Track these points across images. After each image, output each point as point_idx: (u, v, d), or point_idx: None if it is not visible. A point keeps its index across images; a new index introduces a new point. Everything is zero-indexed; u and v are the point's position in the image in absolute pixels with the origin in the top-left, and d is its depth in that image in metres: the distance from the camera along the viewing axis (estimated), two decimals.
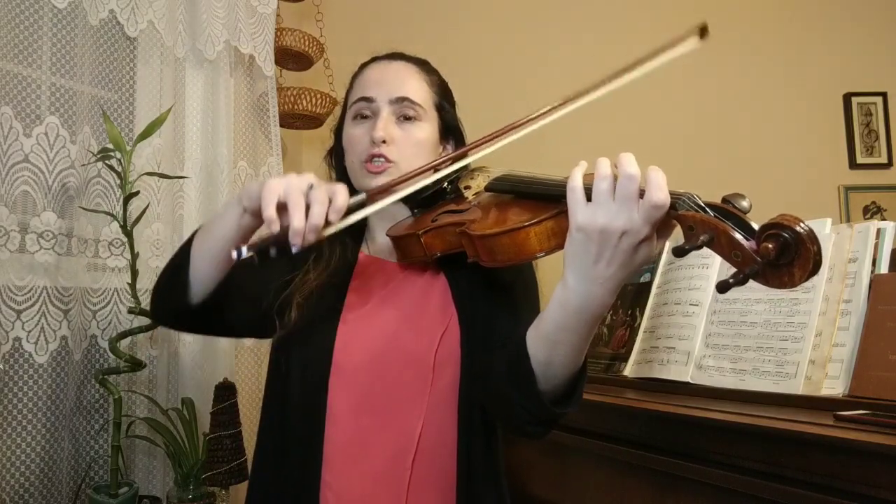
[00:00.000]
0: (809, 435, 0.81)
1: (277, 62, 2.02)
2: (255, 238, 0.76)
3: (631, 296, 1.40)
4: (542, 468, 1.35)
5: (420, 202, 1.04)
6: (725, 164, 2.43)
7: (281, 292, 0.99)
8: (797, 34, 2.60)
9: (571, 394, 0.82)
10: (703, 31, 0.92)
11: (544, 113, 0.87)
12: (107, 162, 1.40)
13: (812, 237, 0.60)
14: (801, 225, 0.61)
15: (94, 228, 1.51)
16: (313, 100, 2.07)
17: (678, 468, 0.98)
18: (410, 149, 1.02)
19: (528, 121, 0.87)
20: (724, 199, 0.67)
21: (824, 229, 1.08)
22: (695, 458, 0.96)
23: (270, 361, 1.05)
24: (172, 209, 1.68)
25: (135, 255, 1.42)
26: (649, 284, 1.36)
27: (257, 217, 0.83)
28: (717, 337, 1.15)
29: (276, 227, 0.74)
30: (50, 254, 1.38)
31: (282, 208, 0.76)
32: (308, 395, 0.95)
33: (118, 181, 1.43)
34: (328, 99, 2.10)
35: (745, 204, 0.66)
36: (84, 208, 1.46)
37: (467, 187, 1.01)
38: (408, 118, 1.03)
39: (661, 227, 0.71)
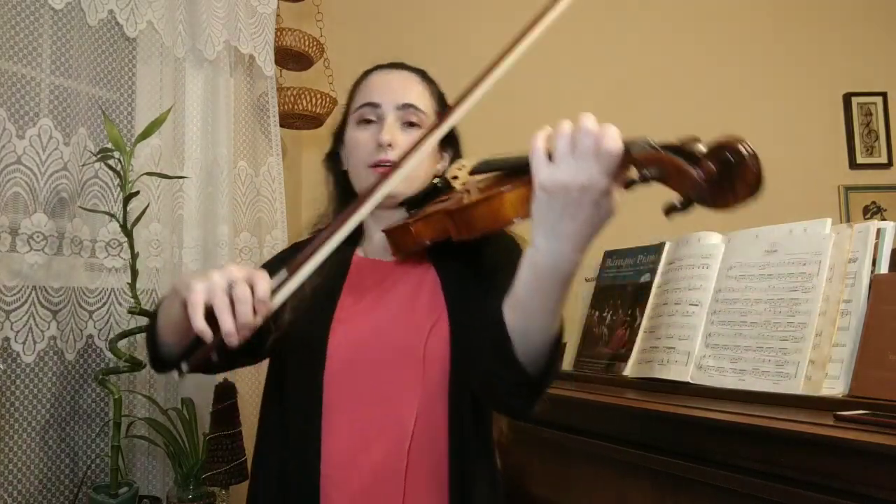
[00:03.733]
0: (809, 435, 0.81)
1: (277, 62, 2.02)
2: (195, 355, 0.78)
3: (631, 296, 1.40)
4: (542, 468, 1.35)
5: (415, 203, 1.07)
6: None
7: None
8: (797, 34, 2.59)
9: (552, 364, 0.84)
10: None
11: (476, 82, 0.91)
12: (106, 162, 1.40)
13: (754, 156, 0.63)
14: (743, 144, 0.64)
15: (90, 229, 1.51)
16: (313, 100, 2.07)
17: (678, 468, 0.98)
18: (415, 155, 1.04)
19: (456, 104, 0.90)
20: (679, 140, 0.69)
21: (824, 229, 1.08)
22: (695, 458, 0.96)
23: (269, 364, 1.08)
24: (172, 209, 1.68)
25: (135, 256, 1.42)
26: (649, 284, 1.36)
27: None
28: (717, 337, 1.15)
29: (209, 337, 0.75)
30: (39, 255, 1.38)
31: (210, 311, 0.76)
32: (305, 393, 0.98)
33: (117, 181, 1.43)
34: (328, 99, 2.10)
35: (699, 146, 0.67)
36: (84, 208, 1.46)
37: (455, 178, 1.04)
38: (412, 124, 1.06)
39: (618, 175, 0.73)
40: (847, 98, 2.58)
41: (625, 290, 1.42)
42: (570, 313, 1.60)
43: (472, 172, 1.01)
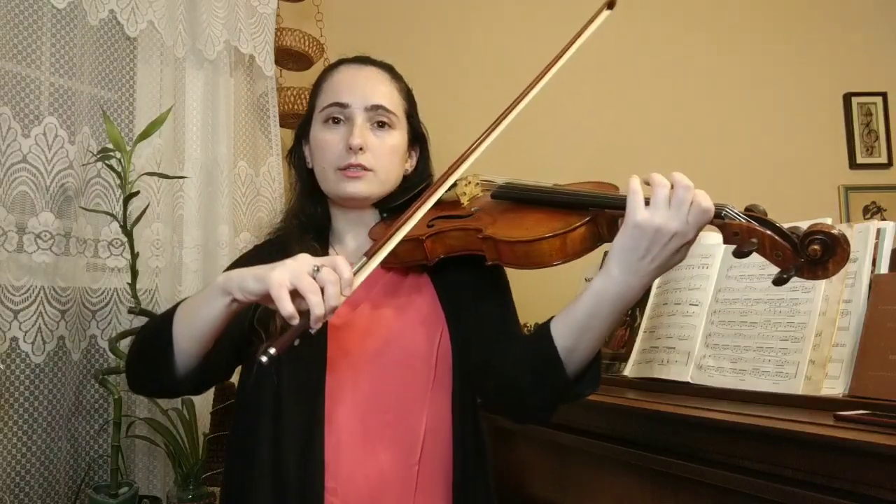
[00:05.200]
0: (809, 435, 0.81)
1: (277, 62, 2.02)
2: (279, 340, 0.74)
3: None
4: (542, 468, 1.35)
5: (392, 208, 1.07)
6: (725, 164, 2.43)
7: (254, 314, 0.96)
8: (797, 34, 2.60)
9: (587, 374, 0.88)
10: (611, 3, 1.12)
11: (501, 117, 0.96)
12: (107, 162, 1.40)
13: (845, 239, 0.77)
14: (836, 230, 0.77)
15: (93, 228, 1.51)
16: None
17: (678, 468, 0.98)
18: (386, 156, 1.05)
19: (494, 125, 0.95)
20: (748, 209, 0.81)
21: None
22: (695, 458, 0.96)
23: (244, 377, 1.02)
24: (172, 209, 1.68)
25: (135, 255, 1.42)
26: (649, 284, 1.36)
27: (248, 303, 0.83)
28: (717, 337, 1.15)
29: (297, 322, 0.74)
30: (48, 254, 1.38)
31: (294, 296, 0.75)
32: (304, 404, 0.94)
33: (118, 181, 1.43)
34: None
35: (763, 209, 0.81)
36: (84, 208, 1.46)
37: (463, 194, 1.05)
38: (381, 125, 1.05)
39: (700, 230, 0.82)
40: (847, 98, 2.58)
41: None
42: None
43: (497, 196, 1.00)
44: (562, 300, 0.91)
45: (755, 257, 0.80)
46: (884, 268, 1.01)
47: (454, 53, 2.44)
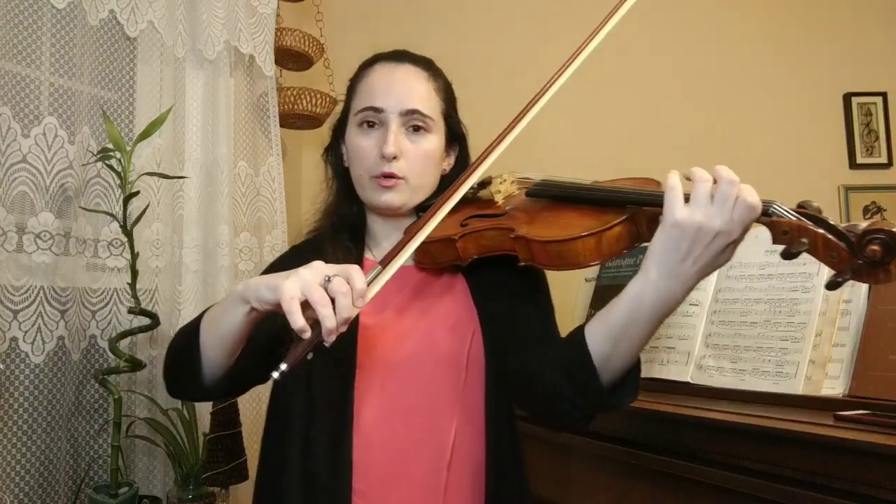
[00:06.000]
0: (809, 435, 0.81)
1: (277, 62, 2.02)
2: (291, 354, 0.73)
3: None
4: (543, 468, 1.35)
5: (427, 207, 1.03)
6: (725, 164, 2.43)
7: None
8: (797, 34, 2.59)
9: (625, 383, 0.83)
10: None
11: (531, 103, 0.92)
12: (107, 162, 1.40)
13: None
14: None
15: (93, 228, 1.51)
16: (313, 100, 2.07)
17: (678, 468, 0.98)
18: (420, 163, 1.01)
19: (521, 115, 0.91)
20: (801, 205, 0.75)
21: None
22: (695, 458, 0.96)
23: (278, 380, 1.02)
24: (172, 209, 1.68)
25: (135, 256, 1.42)
26: None
27: (266, 312, 0.81)
28: (717, 337, 1.15)
29: (308, 335, 0.72)
30: (47, 254, 1.38)
31: (304, 306, 0.73)
32: (333, 406, 0.93)
33: (118, 181, 1.43)
34: (328, 99, 2.10)
35: (817, 206, 0.74)
36: (84, 208, 1.46)
37: (498, 192, 1.01)
38: (416, 129, 1.01)
39: (748, 229, 0.76)
40: (847, 98, 2.58)
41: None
42: (570, 313, 1.60)
43: (532, 194, 0.97)
44: (561, 301, 0.90)
45: (755, 256, 0.79)
46: None
47: (454, 54, 2.43)
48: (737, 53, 2.57)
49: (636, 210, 0.82)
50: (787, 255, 0.74)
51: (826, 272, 1.04)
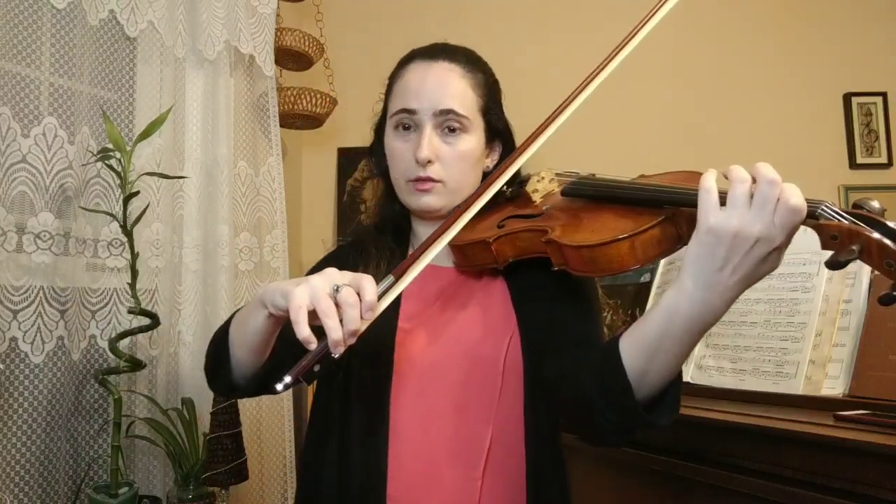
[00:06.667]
0: (809, 435, 0.81)
1: (277, 62, 2.02)
2: (297, 366, 0.71)
3: (631, 296, 1.40)
4: None
5: None
6: (725, 164, 2.43)
7: None
8: (797, 34, 2.60)
9: (664, 400, 0.77)
10: None
11: (569, 100, 0.87)
12: (106, 162, 1.40)
13: None
14: None
15: (93, 229, 1.51)
16: (313, 100, 2.08)
17: (678, 468, 0.98)
18: (457, 164, 0.98)
19: (556, 114, 0.87)
20: (856, 205, 0.67)
21: None
22: (695, 458, 0.96)
23: (321, 385, 1.00)
24: (172, 209, 1.68)
25: (135, 256, 1.42)
26: (649, 284, 1.36)
27: (283, 317, 0.79)
28: (717, 337, 1.15)
29: (314, 346, 0.71)
30: (47, 254, 1.38)
31: (314, 315, 0.72)
32: (371, 411, 0.92)
33: (118, 181, 1.43)
34: (328, 99, 2.10)
35: (877, 206, 0.67)
36: (84, 208, 1.46)
37: (535, 191, 0.97)
38: (452, 130, 0.98)
39: (793, 234, 0.69)
40: (847, 98, 2.58)
41: (625, 290, 1.42)
42: None
43: (567, 193, 0.92)
44: None
45: None
46: None
47: None
48: (737, 53, 2.57)
49: (675, 210, 0.75)
50: (834, 265, 0.64)
51: (826, 272, 1.04)
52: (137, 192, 1.43)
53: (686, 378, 1.16)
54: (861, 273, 1.01)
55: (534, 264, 0.90)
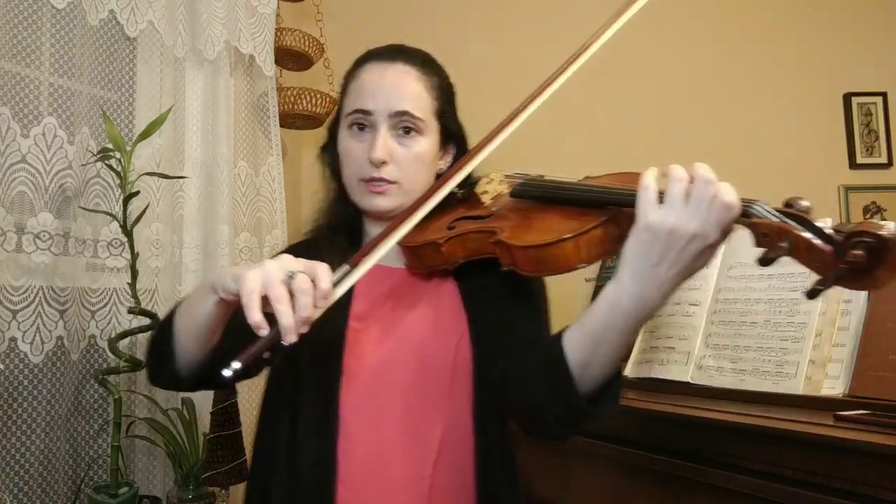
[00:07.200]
0: (809, 435, 0.81)
1: (277, 62, 2.02)
2: (246, 352, 0.70)
3: None
4: (543, 469, 1.35)
5: None
6: (725, 164, 2.41)
7: None
8: (797, 34, 2.59)
9: (605, 394, 0.80)
10: None
11: (529, 99, 0.88)
12: (106, 162, 1.40)
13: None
14: (886, 229, 0.63)
15: (92, 229, 1.51)
16: (313, 100, 2.07)
17: (678, 468, 0.98)
18: (411, 165, 0.99)
19: (518, 111, 0.87)
20: (787, 203, 0.69)
21: None
22: (695, 458, 0.96)
23: (271, 379, 1.00)
24: (172, 209, 1.68)
25: (135, 256, 1.42)
26: None
27: (234, 303, 0.78)
28: (717, 337, 1.15)
29: (265, 332, 0.69)
30: (46, 254, 1.38)
31: (266, 301, 0.71)
32: (319, 410, 0.92)
33: (118, 181, 1.43)
34: (328, 99, 2.10)
35: (805, 204, 0.68)
36: (84, 208, 1.46)
37: (485, 192, 0.98)
38: (407, 131, 0.99)
39: (728, 231, 0.71)
40: (847, 98, 2.58)
41: None
42: (570, 313, 1.60)
43: (516, 194, 0.94)
44: (561, 301, 0.88)
45: (755, 256, 0.75)
46: None
47: (454, 54, 2.43)
48: (737, 53, 2.57)
49: (617, 211, 0.78)
50: (764, 261, 0.67)
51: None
52: (137, 192, 1.43)
53: (686, 378, 1.16)
54: None
55: (484, 265, 0.92)
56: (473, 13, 2.52)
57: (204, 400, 1.59)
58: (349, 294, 0.96)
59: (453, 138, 1.07)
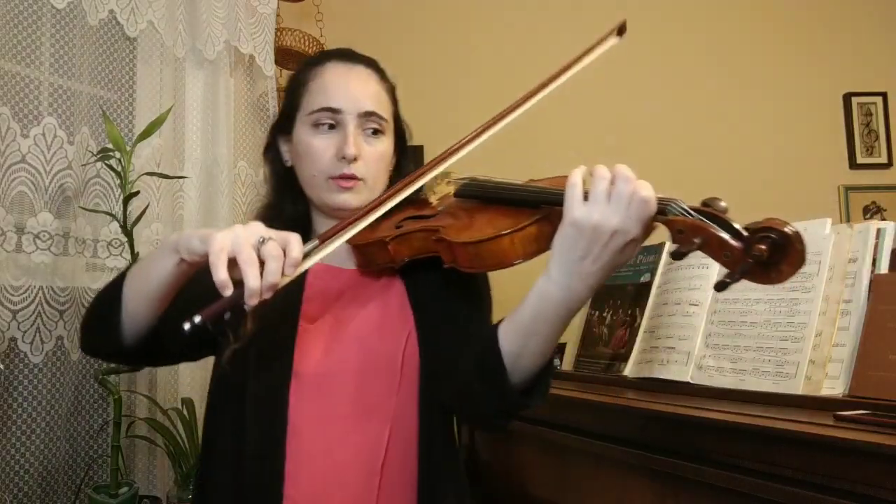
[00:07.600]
0: (809, 435, 0.81)
1: (277, 62, 2.02)
2: (208, 308, 0.70)
3: (631, 296, 1.40)
4: (542, 469, 1.35)
5: None
6: (725, 164, 2.43)
7: None
8: (797, 34, 2.60)
9: (537, 385, 0.84)
10: (621, 30, 1.02)
11: (493, 120, 0.92)
12: (106, 162, 1.40)
13: (799, 237, 0.67)
14: (789, 227, 0.67)
15: (92, 229, 1.51)
16: None
17: (678, 468, 0.98)
18: (376, 164, 1.01)
19: (482, 129, 0.91)
20: (705, 203, 0.72)
21: (824, 229, 1.08)
22: (695, 458, 0.96)
23: (217, 378, 0.99)
24: (172, 209, 1.68)
25: (135, 255, 1.43)
26: (649, 284, 1.36)
27: (195, 265, 0.79)
28: (716, 337, 1.15)
29: (229, 292, 0.70)
30: (46, 254, 1.38)
31: (231, 264, 0.71)
32: (267, 410, 0.91)
33: (118, 181, 1.43)
34: None
35: (722, 205, 0.72)
36: (84, 208, 1.46)
37: (433, 192, 1.02)
38: (374, 132, 1.01)
39: (649, 227, 0.75)
40: (847, 98, 2.58)
41: (625, 290, 1.42)
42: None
43: (459, 194, 0.97)
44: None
45: None
46: (884, 268, 1.01)
47: (454, 53, 2.44)
48: (737, 53, 2.57)
49: (550, 210, 0.81)
50: (676, 255, 0.71)
51: (826, 272, 1.04)
52: (137, 192, 1.44)
53: (686, 378, 1.16)
54: (861, 273, 1.01)
55: (429, 264, 0.94)
56: (473, 13, 2.52)
57: (204, 400, 1.59)
58: (300, 296, 0.98)
59: (401, 142, 1.10)
